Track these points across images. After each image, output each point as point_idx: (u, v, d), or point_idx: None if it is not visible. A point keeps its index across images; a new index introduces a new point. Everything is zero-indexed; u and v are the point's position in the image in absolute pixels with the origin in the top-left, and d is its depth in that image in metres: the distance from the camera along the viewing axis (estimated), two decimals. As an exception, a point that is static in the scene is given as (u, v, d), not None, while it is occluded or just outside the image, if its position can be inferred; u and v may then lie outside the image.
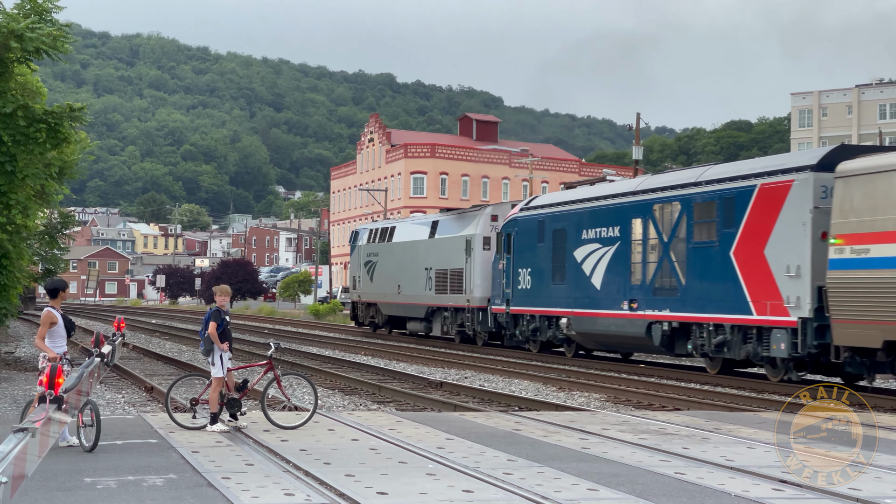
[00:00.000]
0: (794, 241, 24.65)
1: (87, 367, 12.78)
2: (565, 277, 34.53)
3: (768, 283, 25.33)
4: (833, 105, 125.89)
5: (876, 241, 21.57)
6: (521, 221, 37.59)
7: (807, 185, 24.36)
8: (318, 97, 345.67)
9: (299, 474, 11.47)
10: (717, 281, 27.23)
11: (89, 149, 42.06)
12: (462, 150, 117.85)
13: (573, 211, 34.53)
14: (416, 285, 46.14)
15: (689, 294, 28.44)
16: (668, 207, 29.51)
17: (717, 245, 27.30)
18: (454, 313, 43.18)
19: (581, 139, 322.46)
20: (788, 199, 24.95)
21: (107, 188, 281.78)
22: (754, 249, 25.95)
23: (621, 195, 32.19)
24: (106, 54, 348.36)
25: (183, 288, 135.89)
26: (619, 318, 31.39)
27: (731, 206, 26.86)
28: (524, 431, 15.51)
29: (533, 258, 36.54)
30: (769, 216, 25.56)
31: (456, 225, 43.96)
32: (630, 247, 31.14)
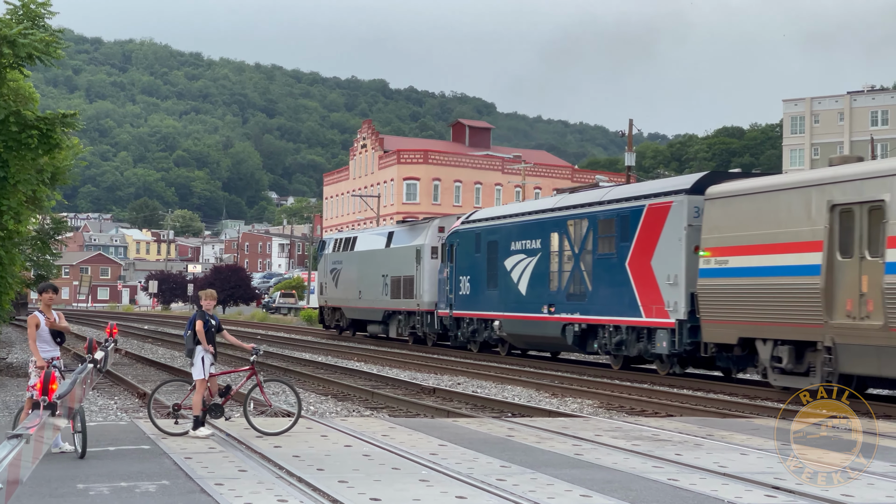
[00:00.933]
0: (673, 253, 28.55)
1: (79, 374, 12.77)
2: (497, 284, 38.03)
3: (654, 290, 29.17)
4: (825, 112, 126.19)
5: (733, 254, 25.66)
6: (462, 233, 41.18)
7: (682, 206, 28.31)
8: (310, 103, 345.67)
9: (292, 480, 11.47)
10: (616, 288, 31.04)
11: (82, 154, 41.98)
12: (455, 156, 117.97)
13: (504, 225, 38.39)
14: (375, 291, 49.37)
15: (594, 299, 32.24)
16: (578, 223, 33.47)
17: (616, 257, 31.13)
18: (407, 316, 46.68)
19: (574, 145, 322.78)
20: (669, 218, 28.85)
21: (99, 194, 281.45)
22: (644, 261, 29.77)
23: (542, 211, 36.06)
24: (98, 60, 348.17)
25: (175, 294, 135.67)
26: (541, 321, 35.04)
27: (627, 223, 30.68)
28: (517, 437, 15.51)
29: (471, 267, 40.08)
30: (655, 232, 29.38)
31: (408, 235, 47.46)
32: (549, 257, 34.96)
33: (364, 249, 52.06)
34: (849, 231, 22.28)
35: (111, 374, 28.38)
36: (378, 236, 51.71)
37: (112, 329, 17.27)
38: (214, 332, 15.58)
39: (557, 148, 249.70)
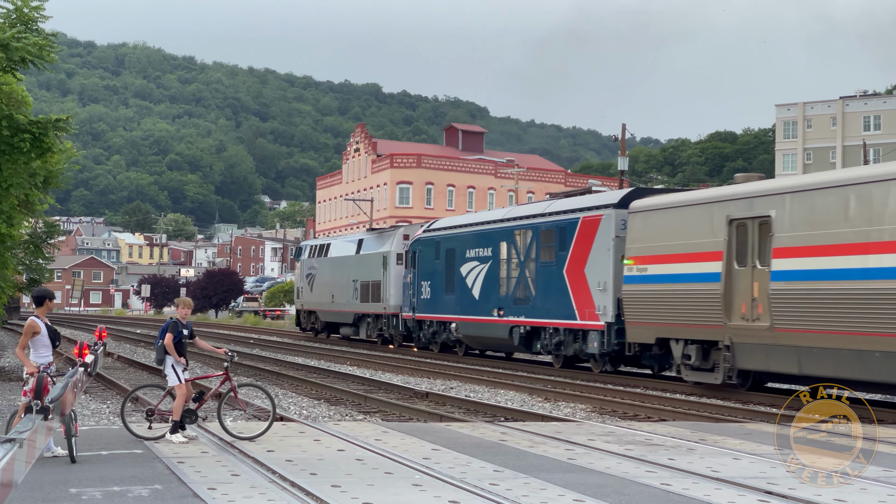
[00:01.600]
0: (603, 262, 31.31)
1: (70, 378, 12.76)
2: (454, 289, 40.64)
3: (587, 295, 31.95)
4: (817, 117, 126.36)
5: (651, 262, 28.47)
6: (424, 241, 43.82)
7: (611, 219, 31.12)
8: (303, 107, 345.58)
9: (285, 485, 11.46)
10: (555, 293, 33.72)
11: (74, 158, 41.92)
12: (448, 160, 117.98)
13: (460, 234, 40.97)
14: (346, 295, 52.14)
15: (537, 304, 34.87)
16: (524, 233, 36.08)
17: (555, 265, 33.86)
18: (375, 319, 49.53)
19: (567, 150, 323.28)
20: (599, 230, 31.64)
21: (92, 197, 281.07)
22: (579, 268, 32.52)
23: (494, 222, 38.75)
24: (91, 63, 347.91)
25: (168, 298, 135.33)
26: (491, 323, 37.66)
27: (564, 233, 33.41)
28: (510, 442, 15.51)
29: (432, 272, 42.61)
30: (588, 242, 32.19)
31: (376, 243, 50.28)
32: (499, 265, 37.63)
33: (336, 256, 54.81)
34: (744, 243, 25.41)
35: (103, 378, 28.35)
36: (349, 243, 54.08)
37: (101, 332, 17.25)
38: (187, 341, 15.54)
39: (550, 152, 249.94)
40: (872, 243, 21.91)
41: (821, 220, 23.34)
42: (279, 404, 24.03)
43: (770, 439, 16.38)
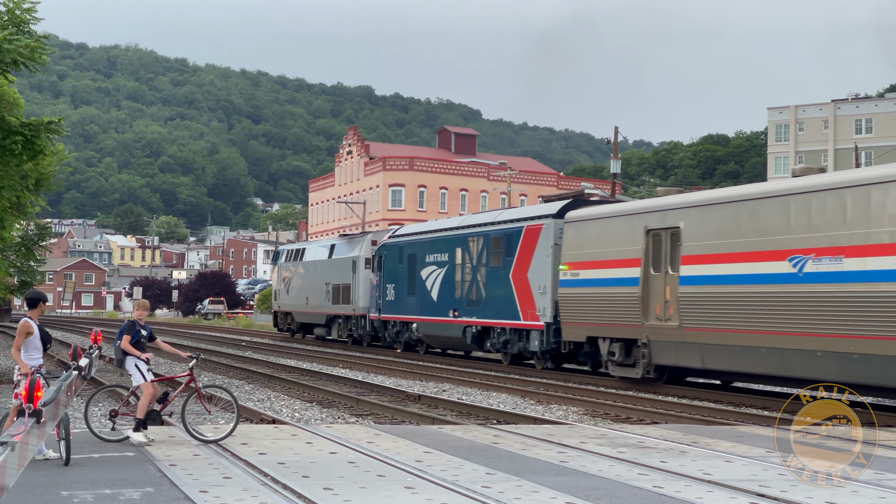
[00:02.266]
0: (543, 267, 33.98)
1: (64, 381, 12.73)
2: (415, 291, 43.28)
3: (529, 298, 34.64)
4: (809, 120, 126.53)
5: (583, 268, 31.39)
6: (389, 246, 46.58)
7: (550, 228, 33.79)
8: (296, 109, 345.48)
9: (277, 487, 11.45)
10: (502, 296, 36.38)
11: (66, 160, 41.90)
12: (440, 163, 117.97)
13: (421, 240, 43.67)
14: (319, 297, 55.14)
15: (486, 305, 37.58)
16: (476, 240, 38.90)
17: (503, 269, 36.53)
18: (345, 320, 52.36)
19: (559, 152, 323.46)
20: (540, 238, 34.31)
21: (84, 200, 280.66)
22: (522, 273, 35.18)
23: (451, 229, 41.63)
24: (83, 65, 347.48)
25: (160, 300, 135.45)
26: (447, 323, 40.43)
27: (511, 240, 36.19)
28: (502, 445, 15.51)
29: (396, 276, 45.33)
30: (530, 249, 34.87)
31: (347, 247, 53.02)
32: (454, 269, 40.31)
33: (310, 260, 57.76)
34: (658, 251, 28.42)
35: (95, 381, 28.28)
36: (322, 248, 57.25)
37: (96, 336, 17.24)
38: (145, 342, 15.52)
39: (543, 155, 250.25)
40: (759, 252, 24.87)
41: (719, 231, 26.33)
42: (272, 406, 24.01)
43: (762, 442, 16.39)
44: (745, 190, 27.23)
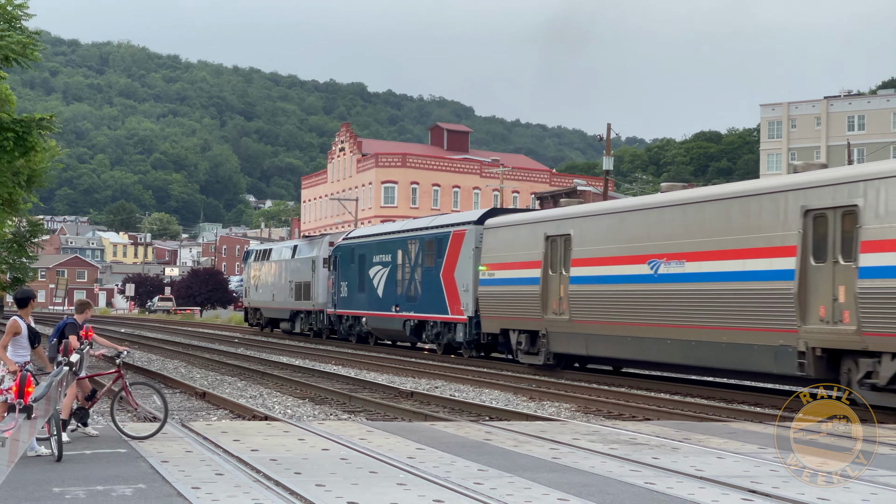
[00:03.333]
0: (466, 268, 38.48)
1: (55, 377, 12.72)
2: (364, 289, 47.75)
3: (455, 295, 39.07)
4: (802, 116, 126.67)
5: (498, 269, 35.99)
6: (343, 248, 51.24)
7: (472, 233, 38.33)
8: (288, 106, 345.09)
9: (269, 484, 11.44)
10: (434, 293, 40.77)
11: (58, 157, 41.82)
12: (433, 159, 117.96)
13: (370, 242, 48.41)
14: (284, 294, 59.70)
15: (422, 301, 41.94)
16: (413, 243, 43.37)
17: (434, 270, 40.93)
18: (307, 315, 57.11)
19: (552, 149, 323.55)
20: (464, 242, 38.85)
21: (76, 196, 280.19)
22: (450, 273, 39.66)
23: (393, 233, 46.53)
24: (75, 62, 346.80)
25: (152, 297, 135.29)
26: (391, 317, 45.09)
27: (441, 244, 40.63)
28: (495, 441, 15.51)
29: (348, 275, 49.83)
30: (456, 252, 39.31)
31: (308, 248, 57.69)
32: (396, 269, 44.69)
33: (276, 260, 62.35)
34: (555, 254, 33.04)
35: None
36: (287, 248, 62.00)
37: (87, 332, 17.20)
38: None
39: (535, 152, 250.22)
40: (628, 256, 29.49)
41: (599, 238, 30.98)
42: (264, 403, 24.01)
43: (754, 438, 16.42)
44: (619, 203, 32.94)
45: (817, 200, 23.49)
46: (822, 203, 23.33)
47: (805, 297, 23.51)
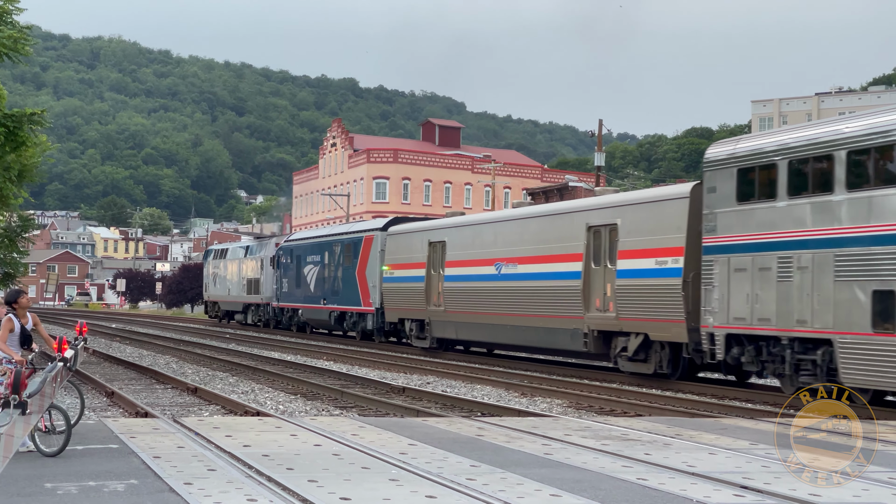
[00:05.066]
0: (374, 267, 45.48)
1: (50, 372, 12.70)
2: (300, 285, 55.24)
3: (367, 290, 46.19)
4: (793, 113, 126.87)
5: (396, 268, 43.12)
6: (284, 248, 58.88)
7: (378, 238, 45.50)
8: (280, 101, 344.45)
9: (262, 480, 11.44)
10: (352, 288, 48.00)
11: (49, 152, 41.76)
12: (424, 155, 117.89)
13: (304, 244, 56.05)
14: (238, 289, 67.76)
15: (343, 295, 49.26)
16: (337, 245, 50.76)
17: (352, 268, 48.07)
18: (256, 307, 64.69)
19: (543, 145, 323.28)
20: (373, 245, 45.95)
21: (67, 191, 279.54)
22: (363, 271, 46.73)
23: (323, 236, 54.17)
24: (66, 57, 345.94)
25: (144, 292, 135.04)
26: (320, 309, 52.43)
27: (356, 246, 47.90)
28: (487, 437, 15.52)
29: (288, 272, 57.30)
30: (367, 253, 46.47)
31: (258, 248, 65.55)
32: (324, 267, 52.01)
33: (231, 258, 69.97)
34: (435, 257, 40.10)
35: (78, 373, 28.20)
36: (240, 248, 69.91)
37: (82, 328, 17.18)
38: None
39: (527, 148, 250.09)
40: (482, 259, 36.88)
41: (465, 244, 38.40)
42: (256, 398, 23.99)
43: (746, 434, 16.45)
44: (479, 216, 42.40)
45: (595, 219, 30.96)
46: (597, 221, 30.82)
47: (588, 292, 31.04)
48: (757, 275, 24.13)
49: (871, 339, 21.14)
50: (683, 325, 26.91)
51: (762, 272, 23.97)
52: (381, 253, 44.59)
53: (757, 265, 24.14)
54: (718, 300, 25.17)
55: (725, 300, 24.99)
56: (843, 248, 21.89)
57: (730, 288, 24.90)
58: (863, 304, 21.24)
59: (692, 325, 26.58)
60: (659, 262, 28.11)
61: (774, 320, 23.55)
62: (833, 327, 21.90)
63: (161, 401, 23.95)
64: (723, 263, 25.13)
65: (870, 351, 21.13)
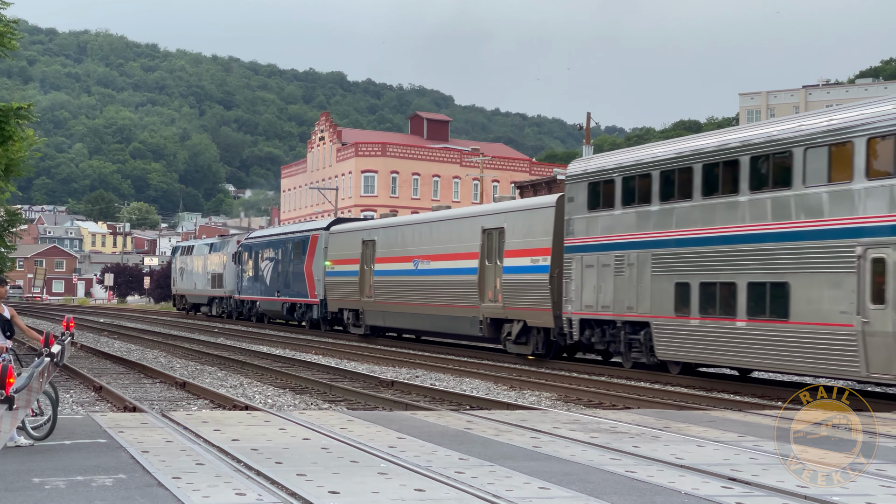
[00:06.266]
0: (319, 263, 51.34)
1: (37, 367, 12.66)
2: (258, 279, 61.34)
3: (313, 283, 52.01)
4: (780, 105, 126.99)
5: (337, 264, 49.19)
6: (245, 245, 64.94)
7: (323, 237, 51.54)
8: (268, 95, 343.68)
9: (251, 474, 11.42)
10: (301, 282, 54.07)
11: (36, 146, 41.55)
12: (413, 148, 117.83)
13: (261, 242, 62.08)
14: (203, 283, 73.96)
15: (293, 288, 55.06)
16: (289, 243, 56.55)
17: (301, 264, 53.92)
18: (220, 300, 70.66)
19: (531, 138, 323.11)
20: (318, 243, 51.91)
21: (54, 186, 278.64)
22: (310, 267, 52.60)
23: (277, 235, 60.17)
24: (53, 51, 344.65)
25: (132, 287, 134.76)
26: (274, 301, 58.44)
27: (305, 244, 53.69)
28: (476, 430, 15.53)
29: (248, 267, 63.30)
30: (313, 250, 52.30)
31: (221, 245, 70.99)
32: (278, 263, 57.79)
33: (197, 254, 76.17)
34: (368, 254, 45.78)
35: (67, 368, 28.17)
36: (205, 245, 75.82)
37: (69, 323, 17.13)
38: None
39: (515, 141, 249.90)
40: (403, 256, 42.52)
41: (391, 242, 44.03)
42: (244, 393, 23.97)
43: (734, 426, 16.49)
44: (402, 219, 47.25)
45: (489, 223, 36.71)
46: (490, 225, 36.59)
47: (482, 285, 36.71)
48: (600, 270, 29.97)
49: (674, 321, 26.93)
50: (550, 313, 32.48)
51: (604, 268, 29.83)
52: (325, 250, 50.58)
53: (600, 262, 30.01)
54: (574, 291, 31.02)
55: (579, 291, 30.80)
56: (656, 248, 27.78)
57: (582, 281, 30.71)
58: (669, 294, 27.10)
59: (557, 313, 32.04)
60: (533, 261, 33.78)
61: (612, 307, 29.40)
62: (650, 312, 27.87)
63: (149, 395, 23.92)
64: (577, 261, 31.01)
65: (674, 330, 26.96)
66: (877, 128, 21.63)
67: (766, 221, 24.43)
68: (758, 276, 24.42)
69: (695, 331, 26.20)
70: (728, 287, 25.27)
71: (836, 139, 22.62)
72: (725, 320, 25.20)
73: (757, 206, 24.66)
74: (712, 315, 25.67)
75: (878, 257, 21.57)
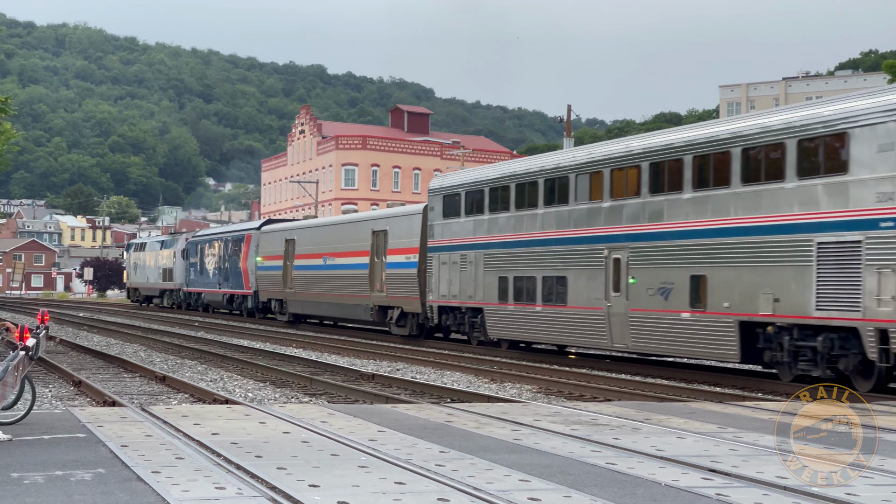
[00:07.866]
0: (252, 259, 58.04)
1: (11, 361, 12.59)
2: (203, 272, 67.83)
3: (248, 277, 58.83)
4: (760, 98, 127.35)
5: (267, 260, 55.95)
6: (191, 242, 71.65)
7: (255, 236, 58.34)
8: (248, 88, 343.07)
9: (230, 468, 11.38)
10: (238, 275, 60.67)
11: (14, 140, 41.42)
12: (393, 141, 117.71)
13: (204, 238, 68.76)
14: (156, 276, 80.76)
15: (232, 281, 61.74)
16: (228, 239, 62.96)
17: (238, 259, 60.55)
18: (171, 292, 77.48)
19: (512, 131, 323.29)
20: (251, 241, 58.74)
21: (33, 180, 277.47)
22: (245, 262, 59.45)
23: (218, 233, 67.07)
24: (31, 44, 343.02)
25: (111, 280, 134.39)
26: (216, 293, 65.13)
27: (240, 242, 60.52)
28: (456, 423, 15.51)
29: (195, 261, 69.41)
30: (248, 247, 58.90)
31: (171, 242, 77.48)
32: (219, 258, 64.08)
33: (150, 250, 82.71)
34: (289, 251, 52.74)
35: (45, 362, 28.06)
36: (157, 242, 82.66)
37: (43, 316, 17.05)
38: None
39: (496, 134, 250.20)
40: (317, 253, 49.42)
41: (307, 241, 51.10)
42: (224, 386, 23.91)
43: (714, 418, 16.51)
44: (316, 221, 55.77)
45: (378, 226, 43.49)
46: (378, 228, 43.27)
47: (372, 278, 43.43)
48: (451, 266, 36.83)
49: (498, 307, 34.11)
50: (419, 301, 39.39)
51: (454, 264, 36.70)
52: (257, 247, 57.68)
53: (451, 260, 36.88)
54: (434, 283, 37.98)
55: (437, 283, 37.76)
56: (487, 249, 34.94)
57: (439, 275, 37.61)
58: (494, 285, 34.26)
59: (423, 301, 38.93)
60: (407, 258, 40.54)
61: (459, 296, 36.43)
62: (483, 300, 35.02)
63: (129, 389, 23.84)
64: (436, 258, 37.93)
65: (498, 314, 34.09)
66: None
67: (553, 229, 31.53)
68: (548, 272, 31.54)
69: (511, 314, 33.35)
70: (531, 280, 32.37)
71: (580, 171, 30.46)
72: (529, 306, 32.37)
73: (549, 216, 31.74)
74: (521, 301, 32.78)
75: (616, 257, 28.42)
